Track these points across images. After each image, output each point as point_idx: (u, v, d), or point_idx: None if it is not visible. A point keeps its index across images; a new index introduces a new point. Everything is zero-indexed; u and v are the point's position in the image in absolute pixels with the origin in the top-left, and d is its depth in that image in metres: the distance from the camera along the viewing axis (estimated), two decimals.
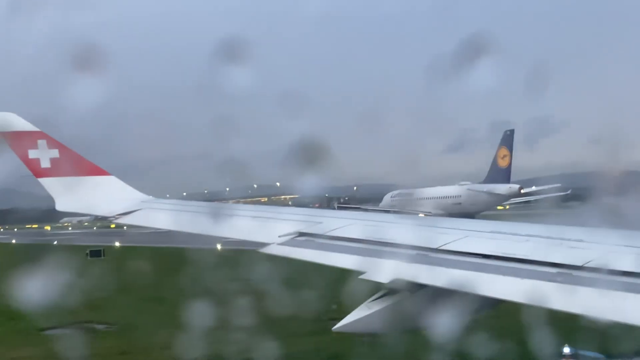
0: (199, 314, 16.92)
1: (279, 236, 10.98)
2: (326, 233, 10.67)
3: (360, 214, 12.04)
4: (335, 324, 9.07)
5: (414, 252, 8.82)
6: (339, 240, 10.28)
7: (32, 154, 15.46)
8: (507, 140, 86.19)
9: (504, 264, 7.85)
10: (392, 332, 9.19)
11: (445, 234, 9.29)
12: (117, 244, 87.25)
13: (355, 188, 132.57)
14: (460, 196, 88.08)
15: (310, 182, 10.26)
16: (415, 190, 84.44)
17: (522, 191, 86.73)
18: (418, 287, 8.42)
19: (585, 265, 7.27)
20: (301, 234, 10.89)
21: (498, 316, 10.44)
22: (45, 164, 15.42)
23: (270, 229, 11.43)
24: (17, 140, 15.42)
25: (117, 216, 15.24)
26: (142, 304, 34.96)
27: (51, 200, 15.65)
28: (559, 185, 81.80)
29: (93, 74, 9.75)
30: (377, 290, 8.77)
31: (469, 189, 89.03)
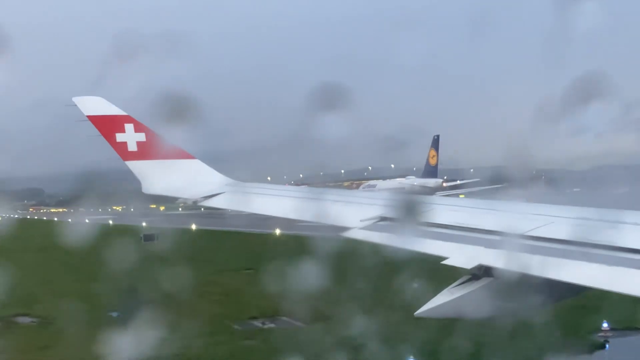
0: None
1: (360, 220, 11.15)
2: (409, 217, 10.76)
3: (443, 199, 12.01)
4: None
5: (498, 237, 8.86)
6: (423, 225, 10.37)
7: (119, 137, 16.07)
8: (435, 143, 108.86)
9: (589, 250, 7.82)
10: (473, 318, 9.29)
11: (531, 219, 9.28)
12: (193, 226, 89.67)
13: None
14: (404, 188, 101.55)
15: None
16: (378, 182, 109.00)
17: (444, 185, 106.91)
18: (501, 274, 8.47)
19: None
20: (383, 219, 11.04)
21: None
22: (132, 147, 15.99)
23: (352, 213, 11.61)
24: (105, 124, 16.04)
25: (200, 199, 15.69)
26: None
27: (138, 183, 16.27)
28: (478, 179, 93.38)
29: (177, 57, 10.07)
30: (460, 275, 8.87)
31: (409, 183, 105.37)
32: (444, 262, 8.85)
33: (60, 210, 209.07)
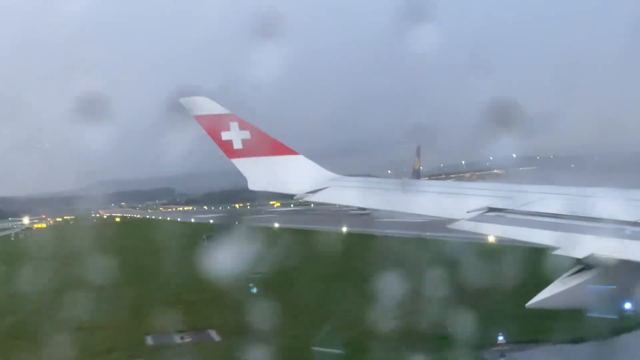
0: None
1: (467, 212, 11.16)
2: (517, 208, 10.71)
3: (554, 187, 11.73)
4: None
5: (612, 226, 8.72)
6: (531, 215, 10.29)
7: (224, 135, 16.59)
8: (418, 151, 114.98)
9: None
10: (586, 309, 9.16)
11: (636, 206, 9.10)
12: (276, 224, 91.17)
13: None
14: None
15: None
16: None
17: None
18: (616, 263, 8.34)
19: None
20: (491, 209, 11.01)
21: None
22: (237, 145, 16.49)
23: (458, 205, 11.62)
24: (211, 123, 16.59)
25: (305, 194, 16.02)
26: None
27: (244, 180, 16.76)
28: None
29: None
30: (572, 266, 8.77)
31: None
32: (555, 252, 8.78)
33: (187, 208, 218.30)
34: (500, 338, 26.09)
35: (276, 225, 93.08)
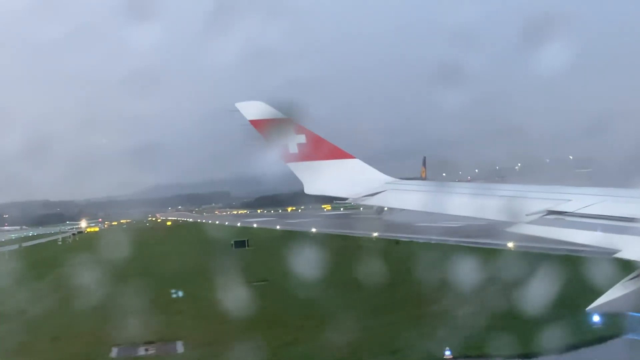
0: None
1: (526, 215, 11.06)
2: (577, 211, 10.58)
3: (614, 190, 11.52)
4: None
5: None
6: (592, 218, 10.16)
7: (280, 140, 16.73)
8: (424, 162, 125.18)
9: None
10: None
11: None
12: (313, 229, 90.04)
13: None
14: None
15: None
16: None
17: None
18: None
19: None
20: (550, 212, 10.90)
21: None
22: (293, 149, 16.61)
23: (515, 208, 11.53)
24: (266, 127, 16.76)
25: (361, 197, 16.07)
26: None
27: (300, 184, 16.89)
28: None
29: None
30: (634, 269, 8.65)
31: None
32: (617, 255, 8.67)
33: (241, 211, 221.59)
34: (447, 353, 24.51)
35: (313, 229, 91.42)
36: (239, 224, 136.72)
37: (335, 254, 44.63)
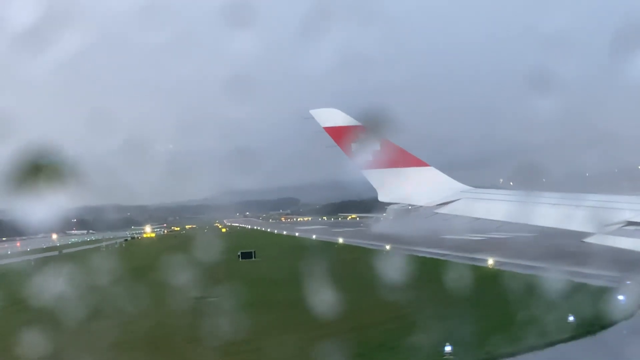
0: None
1: (604, 226, 11.00)
2: None
3: None
4: None
5: None
6: None
7: (354, 147, 16.95)
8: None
9: None
10: None
11: None
12: (340, 239, 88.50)
13: None
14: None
15: None
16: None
17: None
18: None
19: None
20: (630, 223, 10.83)
21: None
22: (367, 156, 16.81)
23: (595, 218, 11.47)
24: (341, 134, 16.98)
25: (436, 206, 16.13)
26: None
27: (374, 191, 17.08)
28: None
29: None
30: None
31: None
32: None
33: (306, 218, 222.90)
34: (448, 348, 23.63)
35: (340, 240, 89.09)
36: (284, 232, 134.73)
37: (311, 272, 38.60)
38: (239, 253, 70.57)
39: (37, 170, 15.94)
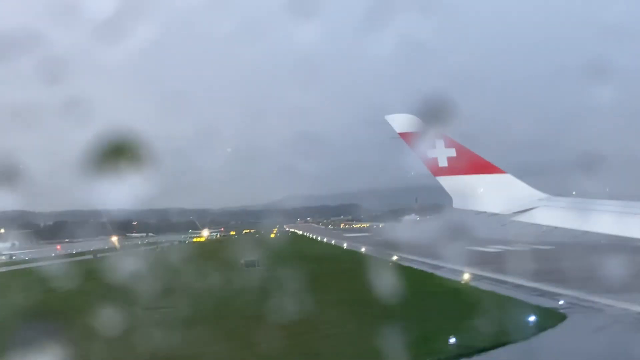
0: None
1: None
2: None
3: None
4: None
5: None
6: None
7: (430, 153, 17.01)
8: None
9: None
10: None
11: None
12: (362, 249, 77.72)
13: None
14: None
15: None
16: None
17: None
18: None
19: None
20: None
21: None
22: (442, 162, 16.85)
23: None
24: (417, 140, 17.04)
25: (512, 214, 16.01)
26: None
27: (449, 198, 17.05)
28: None
29: None
30: None
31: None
32: None
33: (363, 225, 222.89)
34: (452, 340, 22.17)
35: (362, 249, 75.09)
36: (325, 240, 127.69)
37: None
38: (243, 261, 67.87)
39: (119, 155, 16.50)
